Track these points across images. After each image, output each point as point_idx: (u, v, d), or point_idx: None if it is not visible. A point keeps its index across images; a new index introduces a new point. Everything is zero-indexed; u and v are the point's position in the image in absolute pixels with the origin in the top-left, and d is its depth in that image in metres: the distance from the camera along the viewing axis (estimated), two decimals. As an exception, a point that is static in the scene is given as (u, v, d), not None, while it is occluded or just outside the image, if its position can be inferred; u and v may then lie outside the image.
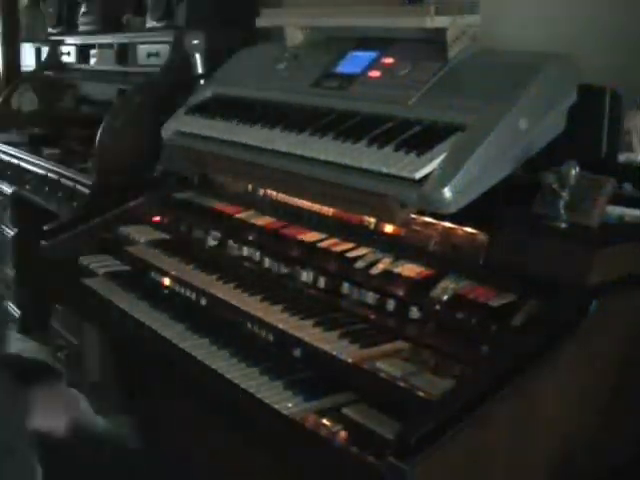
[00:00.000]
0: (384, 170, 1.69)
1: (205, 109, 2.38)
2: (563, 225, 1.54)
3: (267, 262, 1.99)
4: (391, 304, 1.68)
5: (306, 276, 1.88)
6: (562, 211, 1.53)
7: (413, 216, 1.75)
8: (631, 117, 1.75)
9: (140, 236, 2.38)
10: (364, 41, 2.15)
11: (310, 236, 2.01)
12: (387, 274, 1.76)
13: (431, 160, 1.64)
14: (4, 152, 3.85)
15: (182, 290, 2.03)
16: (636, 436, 1.56)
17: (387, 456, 1.22)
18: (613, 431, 1.51)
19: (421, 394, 1.39)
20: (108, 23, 3.71)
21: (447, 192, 1.58)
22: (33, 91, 4.16)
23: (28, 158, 3.61)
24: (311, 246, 1.97)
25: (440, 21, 1.87)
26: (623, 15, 1.97)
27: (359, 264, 1.82)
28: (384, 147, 1.75)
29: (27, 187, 3.58)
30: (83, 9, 3.89)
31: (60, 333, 3.26)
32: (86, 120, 3.68)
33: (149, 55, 3.25)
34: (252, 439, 1.61)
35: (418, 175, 1.63)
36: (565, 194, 1.52)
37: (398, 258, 1.79)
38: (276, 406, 1.47)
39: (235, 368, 1.63)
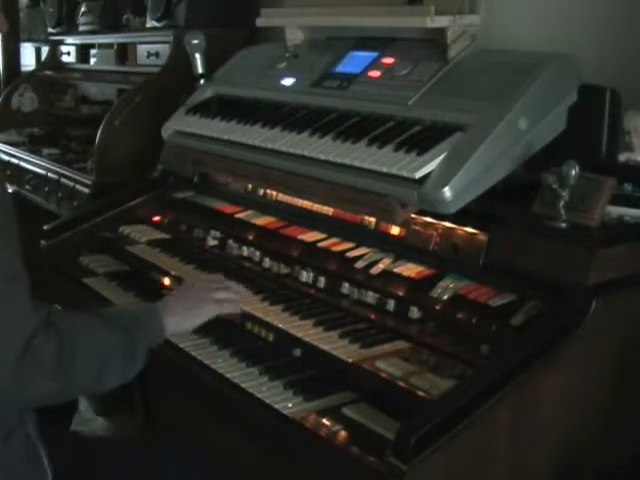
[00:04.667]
0: (384, 170, 1.69)
1: (205, 109, 2.38)
2: (563, 225, 1.53)
3: (267, 262, 1.99)
4: (391, 304, 1.68)
5: (306, 276, 1.88)
6: (562, 211, 1.53)
7: (413, 216, 1.75)
8: (631, 117, 1.75)
9: (140, 236, 2.37)
10: (364, 41, 2.15)
11: (310, 236, 2.01)
12: (387, 274, 1.76)
13: (431, 160, 1.64)
14: (4, 152, 3.85)
15: (182, 290, 2.03)
16: (636, 436, 1.56)
17: (387, 456, 1.22)
18: (613, 431, 1.51)
19: (421, 394, 1.39)
20: (108, 23, 3.71)
21: (447, 192, 1.58)
22: (33, 91, 4.17)
23: (28, 158, 3.61)
24: (311, 246, 1.97)
25: (440, 21, 1.87)
26: (623, 15, 1.97)
27: (359, 264, 1.82)
28: (384, 147, 1.75)
29: (27, 187, 3.58)
30: (83, 9, 3.89)
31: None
32: (86, 120, 3.68)
33: (149, 55, 3.25)
34: (252, 439, 1.61)
35: (418, 175, 1.63)
36: (565, 194, 1.52)
37: (398, 258, 1.79)
38: (276, 406, 1.47)
39: (235, 368, 1.63)
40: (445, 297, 1.62)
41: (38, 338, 1.27)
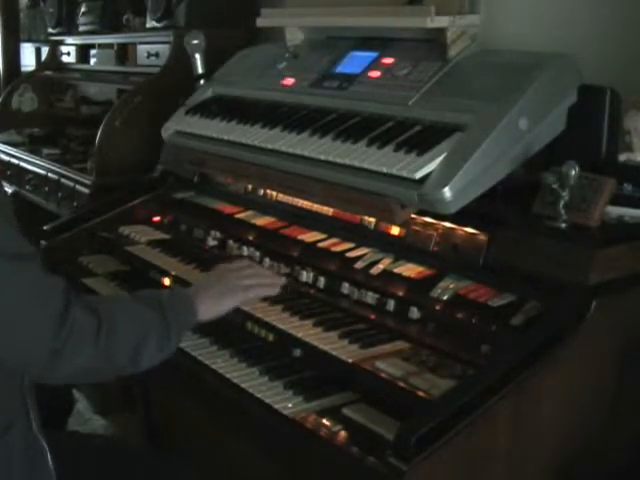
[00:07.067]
0: (384, 170, 1.69)
1: (205, 109, 2.38)
2: (563, 225, 1.54)
3: (267, 262, 1.99)
4: (391, 304, 1.68)
5: (306, 276, 1.88)
6: (562, 211, 1.53)
7: (413, 216, 1.75)
8: (631, 117, 1.75)
9: (140, 236, 2.37)
10: (364, 41, 2.15)
11: (310, 236, 2.00)
12: (387, 274, 1.76)
13: (431, 160, 1.64)
14: (4, 152, 3.86)
15: (182, 290, 2.03)
16: (636, 436, 1.56)
17: (387, 456, 1.22)
18: (613, 431, 1.51)
19: (421, 394, 1.39)
20: (108, 23, 3.71)
21: (447, 192, 1.58)
22: (33, 91, 4.17)
23: (28, 158, 3.61)
24: (311, 246, 1.97)
25: (440, 21, 1.87)
26: (623, 15, 1.97)
27: (359, 264, 1.82)
28: (384, 147, 1.75)
29: (27, 187, 3.58)
30: (83, 9, 3.89)
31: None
32: (86, 120, 3.69)
33: (149, 55, 3.26)
34: (252, 439, 1.61)
35: (418, 175, 1.63)
36: (565, 194, 1.52)
37: (398, 258, 1.79)
38: (276, 406, 1.47)
39: (235, 368, 1.63)
40: (445, 297, 1.62)
41: (74, 309, 1.28)
